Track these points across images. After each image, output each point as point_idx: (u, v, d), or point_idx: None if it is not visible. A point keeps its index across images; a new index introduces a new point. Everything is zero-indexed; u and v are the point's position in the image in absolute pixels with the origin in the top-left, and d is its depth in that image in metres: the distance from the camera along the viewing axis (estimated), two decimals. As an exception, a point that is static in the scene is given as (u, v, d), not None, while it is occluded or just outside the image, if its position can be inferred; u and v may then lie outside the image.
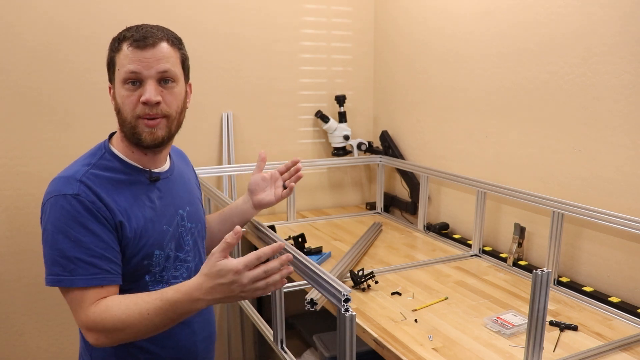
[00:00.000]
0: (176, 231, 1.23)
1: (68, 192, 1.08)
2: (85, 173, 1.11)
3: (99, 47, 2.12)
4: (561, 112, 1.71)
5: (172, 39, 1.16)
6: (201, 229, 1.33)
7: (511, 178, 1.93)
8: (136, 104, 1.11)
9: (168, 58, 1.12)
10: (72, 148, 2.13)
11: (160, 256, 1.18)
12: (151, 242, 1.15)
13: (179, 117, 1.19)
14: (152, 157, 1.21)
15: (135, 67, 1.09)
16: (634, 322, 1.43)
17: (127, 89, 1.11)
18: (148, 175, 1.20)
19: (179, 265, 1.23)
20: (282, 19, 2.46)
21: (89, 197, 1.08)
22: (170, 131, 1.17)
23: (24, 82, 2.04)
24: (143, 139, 1.13)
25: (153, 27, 1.14)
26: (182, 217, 1.26)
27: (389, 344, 1.31)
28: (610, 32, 1.54)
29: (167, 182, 1.25)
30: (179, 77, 1.16)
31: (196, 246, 1.30)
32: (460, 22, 2.11)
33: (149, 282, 1.17)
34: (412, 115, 2.47)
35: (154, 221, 1.17)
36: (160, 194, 1.22)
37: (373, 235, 2.16)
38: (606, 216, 1.51)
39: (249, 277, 1.01)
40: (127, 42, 1.11)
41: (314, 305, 1.39)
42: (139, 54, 1.09)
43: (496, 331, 1.38)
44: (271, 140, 2.55)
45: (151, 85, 1.10)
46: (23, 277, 2.14)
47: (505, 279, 1.74)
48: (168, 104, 1.14)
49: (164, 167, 1.26)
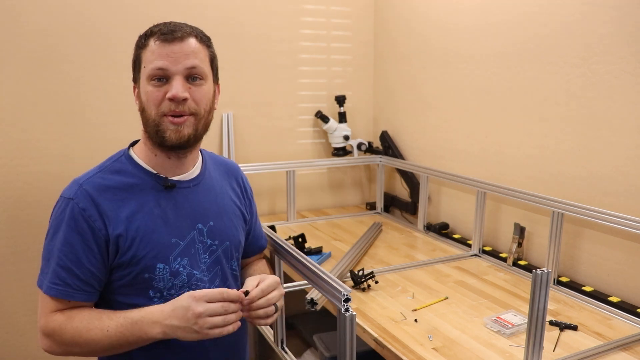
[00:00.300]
0: (190, 247, 1.13)
1: (66, 195, 1.06)
2: (91, 177, 1.08)
3: (100, 47, 2.14)
4: (561, 112, 1.71)
5: (200, 35, 1.11)
6: (229, 248, 1.20)
7: (511, 178, 1.93)
8: (162, 100, 1.05)
9: (197, 54, 1.07)
10: (73, 148, 2.13)
11: (165, 271, 1.08)
12: (152, 254, 1.07)
13: (207, 117, 1.12)
14: (175, 162, 1.13)
15: (162, 62, 1.04)
16: (634, 321, 1.43)
17: (153, 85, 1.05)
18: (162, 182, 1.12)
19: (194, 285, 1.12)
20: (282, 19, 2.46)
21: (82, 203, 1.04)
22: (197, 130, 1.10)
23: (24, 81, 2.04)
24: (167, 137, 1.06)
25: (181, 23, 1.10)
26: (201, 232, 1.15)
27: (389, 343, 1.32)
28: (610, 32, 1.54)
29: (188, 192, 1.15)
30: (208, 75, 1.11)
31: (218, 266, 1.17)
32: (460, 22, 2.11)
33: (154, 298, 1.09)
34: (412, 116, 2.48)
35: (160, 232, 1.09)
36: (175, 204, 1.13)
37: (373, 235, 2.16)
38: (606, 216, 1.51)
39: (206, 307, 0.97)
40: (154, 37, 1.06)
41: (314, 305, 1.39)
42: (166, 48, 1.04)
43: (496, 331, 1.38)
44: (271, 141, 2.55)
45: (178, 81, 1.05)
46: (24, 278, 2.14)
47: (505, 278, 1.75)
48: (196, 101, 1.07)
49: (189, 175, 1.17)
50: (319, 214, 2.60)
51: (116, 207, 1.06)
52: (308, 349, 2.40)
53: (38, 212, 2.10)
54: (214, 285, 1.16)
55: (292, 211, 2.39)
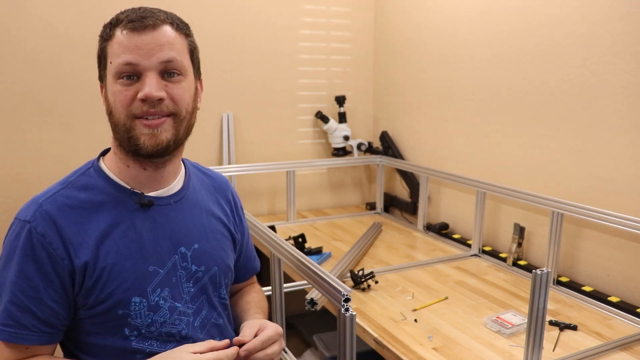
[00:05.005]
0: (171, 274, 0.95)
1: (22, 217, 0.88)
2: (52, 195, 0.91)
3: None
4: (560, 113, 1.71)
5: (177, 22, 0.93)
6: (217, 275, 1.03)
7: (511, 178, 1.93)
8: (132, 100, 0.88)
9: (173, 45, 0.89)
10: (71, 151, 2.14)
11: (141, 305, 0.91)
12: (126, 286, 0.89)
13: (190, 119, 0.95)
14: (152, 174, 0.96)
15: (131, 56, 0.86)
16: (633, 321, 1.43)
17: (121, 83, 0.88)
18: (137, 199, 0.94)
19: (177, 319, 0.95)
20: (281, 20, 2.46)
21: (41, 227, 0.86)
22: (177, 135, 0.92)
23: (22, 85, 2.04)
24: (142, 144, 0.88)
25: (153, 8, 0.92)
26: (184, 256, 0.98)
27: (389, 343, 1.32)
28: (609, 33, 1.54)
29: (168, 210, 0.98)
30: (187, 70, 0.93)
31: (203, 296, 1.01)
32: (460, 23, 2.11)
33: (130, 337, 0.91)
34: (411, 116, 2.48)
35: (135, 259, 0.91)
36: (153, 225, 0.95)
37: (373, 235, 2.16)
38: (605, 216, 1.51)
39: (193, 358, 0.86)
40: (120, 25, 0.88)
41: (314, 305, 1.39)
42: (135, 38, 0.87)
43: (496, 331, 1.38)
44: (271, 141, 2.55)
45: (152, 77, 0.87)
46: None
47: (505, 278, 1.75)
48: (175, 99, 0.90)
49: (169, 189, 0.99)
50: (319, 214, 2.60)
51: (82, 230, 0.89)
52: (308, 349, 2.40)
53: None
54: (200, 318, 1.00)
55: (292, 211, 2.40)
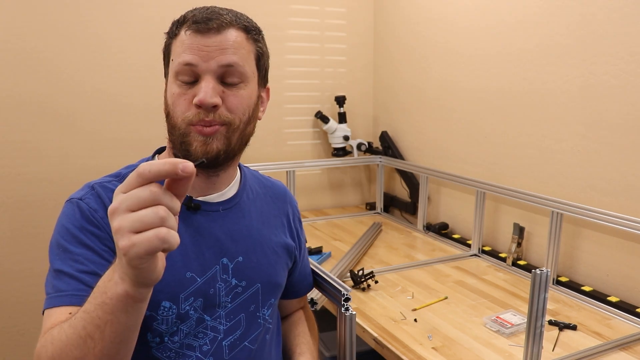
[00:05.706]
0: (210, 285, 0.90)
1: (74, 197, 0.89)
2: (104, 181, 0.91)
3: (99, 49, 2.14)
4: (560, 113, 1.72)
5: (245, 25, 0.89)
6: (260, 293, 0.97)
7: (510, 178, 1.93)
8: (189, 106, 0.85)
9: (237, 49, 0.86)
10: (73, 149, 2.14)
11: (171, 312, 0.86)
12: (159, 288, 0.78)
13: (245, 129, 0.91)
14: (205, 179, 0.93)
15: (191, 57, 0.84)
16: (633, 321, 1.43)
17: (179, 85, 0.86)
18: (185, 201, 0.90)
19: (202, 332, 0.90)
20: (281, 20, 2.46)
21: (93, 204, 0.86)
22: (229, 144, 0.89)
23: (24, 84, 2.04)
24: (193, 150, 0.85)
25: (222, 9, 0.89)
26: (226, 268, 0.93)
27: (388, 343, 1.32)
28: (608, 33, 1.54)
29: (216, 216, 0.94)
30: (250, 77, 0.89)
31: (243, 314, 0.95)
32: (460, 23, 2.11)
33: (151, 343, 0.87)
34: (411, 116, 2.48)
35: (173, 261, 0.87)
36: (197, 230, 0.91)
37: (373, 235, 2.17)
38: (605, 216, 1.51)
39: (121, 199, 0.59)
40: (186, 24, 0.86)
41: (314, 304, 1.40)
42: (198, 40, 0.84)
43: (495, 330, 1.38)
44: (271, 141, 2.55)
45: (209, 82, 0.84)
46: (24, 278, 2.14)
47: (505, 278, 1.75)
48: (230, 108, 0.87)
49: (220, 195, 0.96)
50: (319, 214, 2.60)
51: None
52: (308, 349, 2.41)
53: (39, 213, 2.10)
54: (232, 338, 0.94)
55: (292, 211, 2.40)
